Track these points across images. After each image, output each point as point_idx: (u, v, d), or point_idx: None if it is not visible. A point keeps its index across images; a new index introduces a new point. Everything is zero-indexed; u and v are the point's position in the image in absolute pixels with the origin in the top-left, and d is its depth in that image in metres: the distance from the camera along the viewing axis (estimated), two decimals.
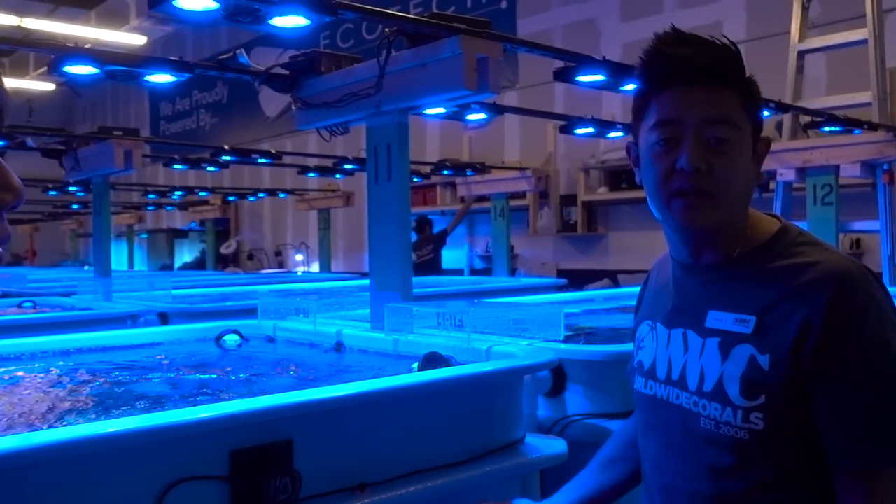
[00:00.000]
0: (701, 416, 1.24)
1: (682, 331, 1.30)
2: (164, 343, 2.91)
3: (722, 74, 1.22)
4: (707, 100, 1.21)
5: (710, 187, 1.21)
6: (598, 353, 2.28)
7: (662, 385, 1.32)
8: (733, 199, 1.24)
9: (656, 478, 1.34)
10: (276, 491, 1.51)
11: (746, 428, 1.18)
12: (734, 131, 1.22)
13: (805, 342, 1.15)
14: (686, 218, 1.23)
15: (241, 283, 6.76)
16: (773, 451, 1.19)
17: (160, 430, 1.38)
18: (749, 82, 1.25)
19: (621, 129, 4.55)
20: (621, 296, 4.64)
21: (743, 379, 1.19)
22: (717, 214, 1.23)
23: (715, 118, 1.21)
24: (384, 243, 2.69)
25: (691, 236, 1.28)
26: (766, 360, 1.17)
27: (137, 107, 16.41)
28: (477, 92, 2.35)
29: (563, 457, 2.02)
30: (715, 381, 1.22)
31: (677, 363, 1.29)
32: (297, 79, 2.84)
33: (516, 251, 8.82)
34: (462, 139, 9.36)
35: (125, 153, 4.14)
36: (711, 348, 1.24)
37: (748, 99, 1.24)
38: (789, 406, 1.17)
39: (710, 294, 1.28)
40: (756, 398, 1.18)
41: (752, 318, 1.20)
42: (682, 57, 1.22)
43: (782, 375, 1.16)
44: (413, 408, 1.79)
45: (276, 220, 12.93)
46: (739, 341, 1.20)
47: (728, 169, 1.21)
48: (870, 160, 4.45)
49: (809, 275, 1.17)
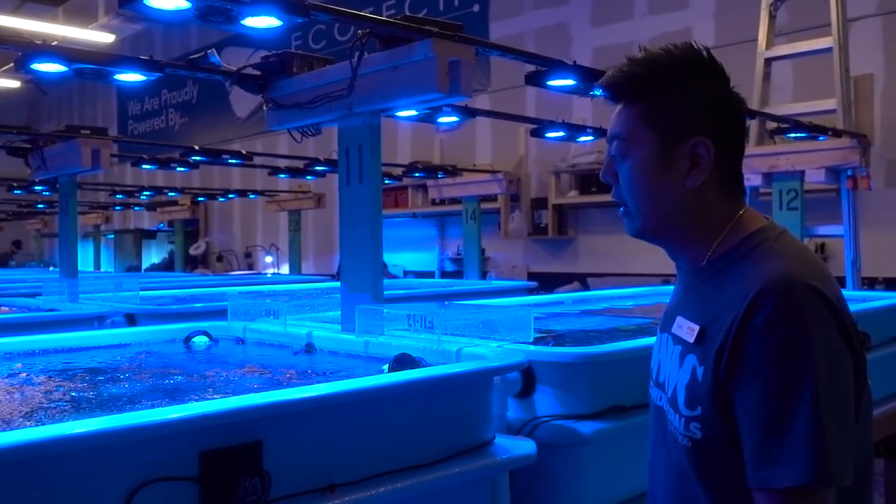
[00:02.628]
0: (667, 419, 1.29)
1: (666, 335, 1.35)
2: (132, 344, 2.88)
3: (619, 93, 1.31)
4: (614, 118, 1.32)
5: (622, 198, 1.32)
6: (567, 354, 2.29)
7: (655, 387, 1.37)
8: (647, 209, 1.30)
9: (659, 475, 1.37)
10: (246, 492, 1.50)
11: (688, 436, 1.23)
12: (626, 145, 1.30)
13: (723, 352, 1.16)
14: (624, 226, 1.35)
15: (210, 284, 6.70)
16: (712, 460, 1.20)
17: (129, 430, 1.38)
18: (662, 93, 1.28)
19: (591, 134, 4.60)
20: (591, 298, 4.68)
21: (686, 389, 1.23)
22: (636, 223, 1.32)
23: (612, 135, 1.32)
24: (355, 245, 2.69)
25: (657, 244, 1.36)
26: (701, 372, 1.20)
27: (105, 105, 16.20)
28: (449, 95, 2.36)
29: (532, 458, 2.03)
30: (672, 389, 1.27)
31: (664, 367, 1.34)
32: (268, 79, 2.83)
33: (487, 254, 8.86)
34: (434, 141, 9.38)
35: (93, 152, 4.09)
36: (675, 355, 1.28)
37: (651, 111, 1.28)
38: (717, 417, 1.18)
39: (682, 300, 1.34)
40: (694, 409, 1.21)
41: (697, 328, 1.23)
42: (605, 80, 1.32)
43: (708, 386, 1.18)
44: (383, 409, 1.79)
45: (246, 222, 12.84)
46: (689, 351, 1.24)
47: (626, 178, 1.30)
48: (834, 166, 4.54)
49: (744, 284, 1.18)
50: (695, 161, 1.27)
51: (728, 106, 1.31)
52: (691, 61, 1.29)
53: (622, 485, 2.37)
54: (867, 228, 5.64)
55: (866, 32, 6.33)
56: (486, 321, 2.56)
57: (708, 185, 1.28)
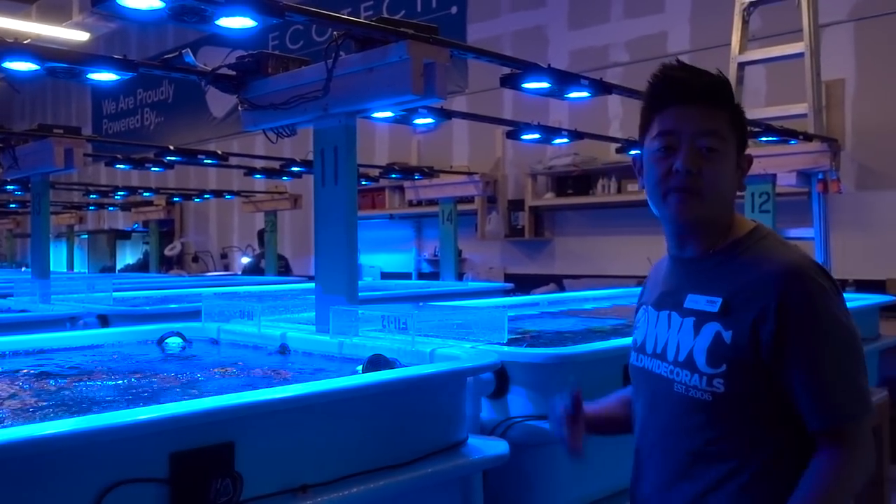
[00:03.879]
0: (675, 381, 1.48)
1: (667, 312, 1.55)
2: (105, 346, 2.86)
3: (713, 95, 1.49)
4: (700, 115, 1.48)
5: (698, 186, 1.47)
6: (540, 355, 2.31)
7: (649, 358, 1.57)
8: (716, 199, 1.49)
9: (645, 436, 1.58)
10: (217, 493, 1.51)
11: (710, 391, 1.43)
12: (721, 142, 1.47)
13: (763, 323, 1.38)
14: (679, 210, 1.49)
15: (185, 285, 6.65)
16: (732, 411, 1.42)
17: (99, 431, 1.37)
18: (737, 106, 1.52)
19: (566, 136, 4.62)
20: (566, 300, 4.71)
21: (709, 350, 1.44)
22: (702, 209, 1.49)
23: (705, 130, 1.47)
24: (331, 246, 2.69)
25: (680, 228, 1.53)
26: (729, 336, 1.42)
27: (79, 104, 16.01)
28: (423, 97, 2.37)
29: (505, 458, 2.05)
30: (687, 353, 1.47)
31: (661, 339, 1.54)
32: (243, 80, 2.83)
33: (464, 255, 8.87)
34: (411, 143, 9.38)
35: (66, 152, 4.04)
36: (688, 326, 1.49)
37: (735, 119, 1.51)
38: (745, 374, 1.40)
39: (690, 281, 1.53)
40: (718, 367, 1.42)
41: (718, 300, 1.45)
42: (682, 79, 1.50)
43: (741, 348, 1.40)
44: (356, 409, 1.80)
45: (222, 222, 12.75)
46: (709, 319, 1.45)
47: (714, 172, 1.47)
48: (805, 170, 4.60)
49: (768, 267, 1.42)
50: (746, 168, 1.53)
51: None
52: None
53: (594, 484, 2.39)
54: (838, 231, 5.72)
55: (838, 38, 6.42)
56: (461, 322, 2.57)
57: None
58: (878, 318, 4.23)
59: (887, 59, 6.30)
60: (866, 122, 6.33)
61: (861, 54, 6.40)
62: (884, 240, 6.21)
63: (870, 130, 6.32)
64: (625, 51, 7.76)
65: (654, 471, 1.55)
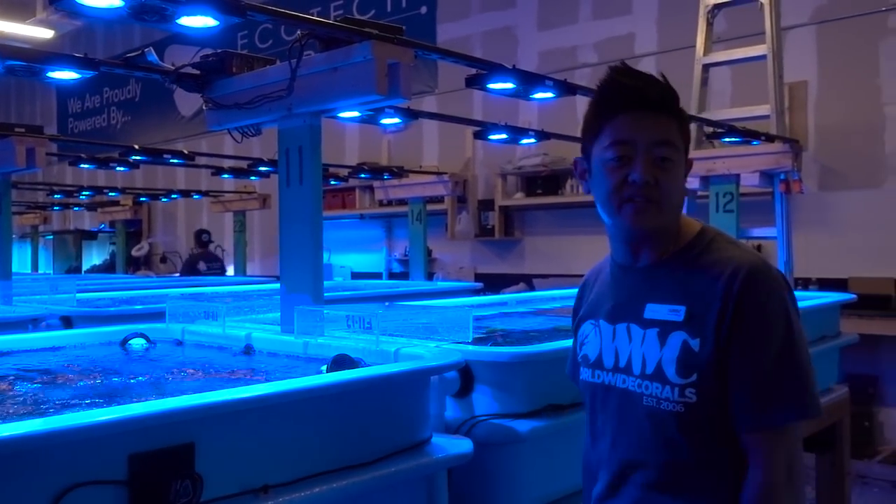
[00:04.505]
0: (644, 395, 1.46)
1: (625, 325, 1.52)
2: (67, 347, 2.83)
3: (666, 104, 1.49)
4: (654, 124, 1.47)
5: (656, 196, 1.46)
6: (504, 354, 2.33)
7: (609, 373, 1.54)
8: (672, 207, 1.50)
9: (612, 453, 1.54)
10: (177, 494, 1.50)
11: (682, 402, 1.42)
12: (674, 152, 1.48)
13: (722, 325, 1.39)
14: (635, 220, 1.47)
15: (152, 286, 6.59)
16: (705, 420, 1.41)
17: (57, 433, 1.36)
18: (683, 112, 1.52)
19: (534, 136, 4.65)
20: (534, 299, 4.74)
21: (678, 361, 1.42)
22: (659, 219, 1.49)
23: (661, 140, 1.47)
24: (295, 246, 2.69)
25: (635, 238, 1.52)
26: (697, 344, 1.41)
27: (44, 103, 15.77)
28: (388, 97, 2.38)
29: (469, 456, 2.06)
30: (655, 365, 1.45)
31: (623, 353, 1.51)
32: (207, 79, 2.81)
33: (434, 255, 8.88)
34: (381, 143, 9.37)
35: (27, 151, 3.98)
36: (651, 337, 1.47)
37: (682, 126, 1.52)
38: (716, 380, 1.40)
39: (646, 290, 1.51)
40: (689, 376, 1.41)
41: (682, 308, 1.44)
42: (635, 87, 1.48)
43: (708, 355, 1.40)
44: (318, 409, 1.80)
45: (191, 222, 12.63)
46: (674, 329, 1.44)
47: (669, 182, 1.47)
48: (767, 170, 4.67)
49: (725, 269, 1.42)
50: (688, 172, 1.54)
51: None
52: None
53: (558, 482, 2.41)
54: (801, 231, 5.81)
55: (801, 41, 6.53)
56: (426, 322, 2.58)
57: None
58: (838, 315, 4.31)
59: (849, 62, 6.43)
60: (829, 123, 6.45)
61: (823, 57, 6.51)
62: (845, 239, 6.33)
63: (832, 132, 6.44)
64: (593, 52, 7.82)
65: (628, 486, 1.52)
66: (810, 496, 4.31)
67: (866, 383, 6.12)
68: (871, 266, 6.14)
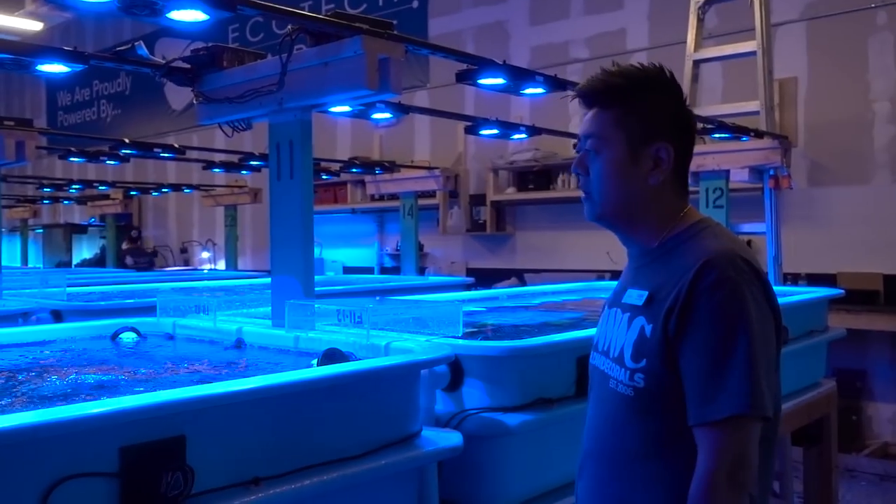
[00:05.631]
0: (611, 378, 1.51)
1: (613, 309, 1.58)
2: (57, 341, 2.83)
3: (597, 99, 1.53)
4: (589, 120, 1.54)
5: (588, 188, 1.54)
6: (494, 348, 2.34)
7: (599, 355, 1.59)
8: (609, 198, 1.52)
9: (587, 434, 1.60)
10: (168, 486, 1.51)
11: (632, 386, 1.44)
12: (599, 142, 1.51)
13: (672, 313, 1.39)
14: (585, 212, 1.55)
15: (143, 280, 6.57)
16: (654, 407, 1.42)
17: (47, 426, 1.36)
18: (632, 103, 1.51)
19: (525, 131, 4.66)
20: (526, 294, 4.75)
21: (634, 345, 1.46)
22: (597, 209, 1.54)
23: (586, 133, 1.53)
24: (286, 240, 2.69)
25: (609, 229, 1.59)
26: (650, 329, 1.43)
27: (33, 96, 15.68)
28: (378, 92, 2.38)
29: (459, 449, 2.07)
30: (619, 348, 1.49)
31: (608, 336, 1.57)
32: (198, 73, 2.80)
33: (426, 250, 8.89)
34: (373, 137, 9.36)
35: (17, 144, 3.96)
36: (623, 321, 1.52)
37: (624, 116, 1.51)
38: (663, 368, 1.40)
39: (633, 277, 1.57)
40: (639, 361, 1.44)
41: (645, 293, 1.47)
42: (582, 88, 1.55)
43: (656, 341, 1.41)
44: (309, 403, 1.81)
45: (182, 217, 12.61)
46: (638, 313, 1.47)
47: (596, 173, 1.52)
48: (757, 166, 4.70)
49: (689, 258, 1.43)
50: (657, 162, 1.51)
51: (685, 118, 1.56)
52: (656, 78, 1.53)
53: (548, 475, 2.43)
54: (791, 226, 5.85)
55: (791, 37, 6.56)
56: (416, 317, 2.59)
57: (665, 183, 1.52)
58: (826, 310, 4.34)
59: (838, 59, 6.46)
60: (818, 119, 6.48)
61: (813, 53, 6.55)
62: (834, 235, 6.37)
63: (821, 128, 6.47)
64: (585, 47, 7.83)
65: (591, 468, 1.56)
66: (798, 489, 4.35)
67: (854, 377, 6.17)
68: (859, 261, 6.18)
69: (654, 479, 1.42)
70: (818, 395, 3.94)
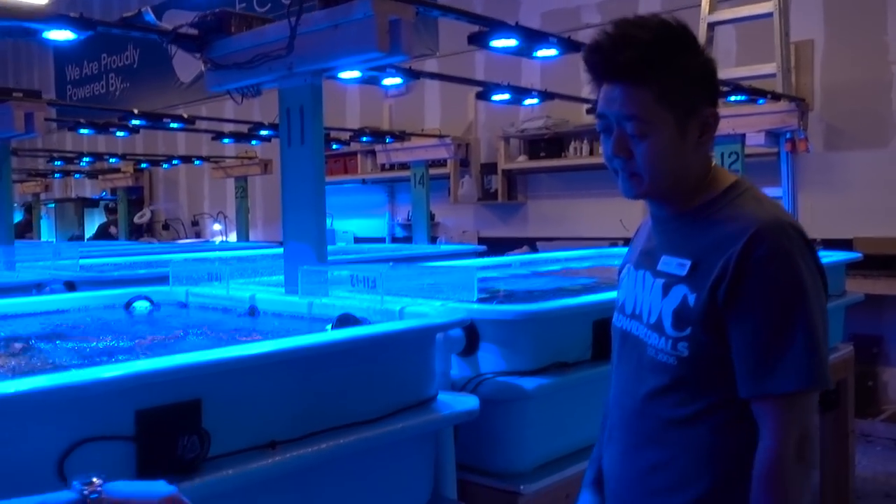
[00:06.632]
0: (647, 345, 1.46)
1: (643, 272, 1.52)
2: (71, 310, 2.83)
3: (632, 73, 1.37)
4: (622, 98, 1.39)
5: (635, 168, 1.43)
6: (509, 312, 2.32)
7: (628, 318, 1.54)
8: (658, 175, 1.43)
9: (618, 400, 1.56)
10: (185, 450, 1.50)
11: (675, 355, 1.41)
12: (645, 125, 1.38)
13: (721, 282, 1.35)
14: (623, 189, 1.47)
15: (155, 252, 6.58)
16: (697, 376, 1.40)
17: (63, 389, 1.35)
18: (668, 75, 1.37)
19: (537, 96, 4.60)
20: (538, 261, 4.72)
21: (674, 313, 1.41)
22: (643, 188, 1.45)
23: (627, 115, 1.39)
24: (298, 206, 2.67)
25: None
26: (694, 298, 1.39)
27: (41, 70, 15.64)
28: (390, 54, 2.34)
29: (475, 413, 2.06)
30: (657, 315, 1.45)
31: (639, 300, 1.51)
32: (206, 39, 2.76)
33: (437, 219, 8.86)
34: (382, 107, 9.29)
35: (26, 116, 3.94)
36: (658, 287, 1.46)
37: (666, 91, 1.37)
38: (709, 337, 1.37)
39: (665, 241, 1.50)
40: (683, 330, 1.39)
41: (688, 263, 1.41)
42: (604, 55, 1.40)
43: (703, 311, 1.37)
44: (324, 366, 1.80)
45: (193, 189, 12.60)
46: (677, 282, 1.42)
47: (646, 155, 1.40)
48: (773, 129, 4.63)
49: (734, 225, 1.37)
50: (704, 129, 1.43)
51: (714, 73, 1.47)
52: (684, 35, 1.41)
53: (563, 440, 2.42)
54: (807, 191, 5.78)
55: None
56: (431, 282, 2.57)
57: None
58: (844, 275, 4.30)
59: (855, 21, 6.33)
60: (835, 83, 6.37)
61: (830, 15, 6.42)
62: (851, 199, 6.29)
63: (838, 91, 6.36)
64: (596, 12, 7.71)
65: (624, 433, 1.53)
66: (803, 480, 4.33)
67: (871, 343, 6.13)
68: (876, 226, 6.11)
69: (694, 445, 1.40)
70: (835, 359, 3.91)
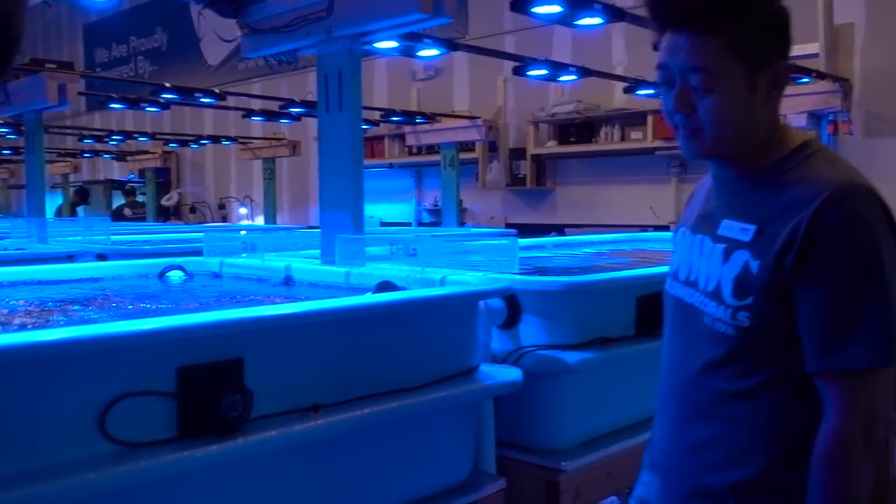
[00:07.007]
0: (704, 313, 1.36)
1: (701, 237, 1.41)
2: (105, 279, 2.80)
3: (701, 20, 1.27)
4: (687, 48, 1.28)
5: (698, 124, 1.32)
6: (554, 283, 2.26)
7: (682, 285, 1.44)
8: (724, 132, 1.32)
9: (670, 369, 1.46)
10: (227, 408, 1.46)
11: (734, 325, 1.31)
12: (712, 78, 1.28)
13: (790, 249, 1.24)
14: (684, 149, 1.36)
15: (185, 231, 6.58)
16: (756, 347, 1.30)
17: (105, 339, 1.32)
18: (740, 23, 1.27)
19: (574, 72, 4.52)
20: (571, 243, 4.65)
21: (735, 281, 1.31)
22: (706, 146, 1.33)
23: (693, 68, 1.29)
24: (336, 173, 2.62)
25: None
26: (757, 265, 1.28)
27: (70, 52, 15.72)
28: (433, 16, 2.28)
29: (518, 385, 2.01)
30: (716, 283, 1.35)
31: (696, 266, 1.41)
32: (242, 2, 2.72)
33: (465, 205, 8.78)
34: (410, 91, 9.23)
35: (59, 87, 3.94)
36: (718, 253, 1.36)
37: (737, 40, 1.27)
38: (772, 307, 1.27)
39: (727, 204, 1.39)
40: (744, 299, 1.29)
41: (752, 227, 1.31)
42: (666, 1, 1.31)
43: (767, 279, 1.27)
44: (367, 331, 1.75)
45: (219, 172, 12.62)
46: (739, 247, 1.32)
47: (711, 110, 1.30)
48: (816, 110, 4.52)
49: (807, 188, 1.26)
50: (774, 83, 1.32)
51: (788, 23, 1.33)
52: None
53: (606, 417, 2.36)
54: None
55: None
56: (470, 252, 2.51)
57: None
58: None
59: None
60: (874, 68, 6.21)
61: None
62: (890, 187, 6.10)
63: (878, 77, 6.20)
64: None
65: (675, 406, 1.44)
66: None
67: None
68: None
69: (750, 421, 1.32)
70: None
